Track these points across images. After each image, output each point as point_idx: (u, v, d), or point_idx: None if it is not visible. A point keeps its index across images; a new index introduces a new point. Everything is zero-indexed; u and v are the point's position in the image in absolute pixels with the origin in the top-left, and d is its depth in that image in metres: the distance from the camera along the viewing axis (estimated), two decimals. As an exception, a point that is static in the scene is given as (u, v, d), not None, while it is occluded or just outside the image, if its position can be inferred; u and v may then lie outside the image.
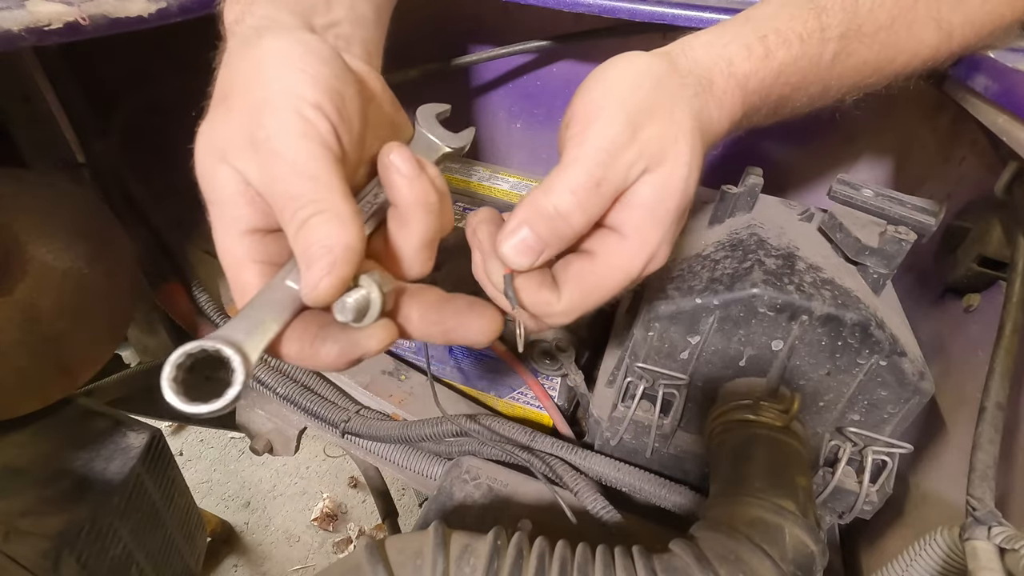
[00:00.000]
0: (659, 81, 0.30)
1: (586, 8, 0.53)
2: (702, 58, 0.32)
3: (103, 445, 0.54)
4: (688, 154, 0.29)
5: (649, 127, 0.29)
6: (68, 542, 0.46)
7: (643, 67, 0.30)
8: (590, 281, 0.31)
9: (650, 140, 0.29)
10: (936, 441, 0.49)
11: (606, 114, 0.29)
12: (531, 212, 0.29)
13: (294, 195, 0.25)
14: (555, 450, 0.53)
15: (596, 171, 0.28)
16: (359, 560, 0.33)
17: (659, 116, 0.29)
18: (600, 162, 0.28)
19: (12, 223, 0.48)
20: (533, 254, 0.29)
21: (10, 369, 0.48)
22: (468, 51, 0.73)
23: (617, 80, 0.30)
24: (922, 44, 0.37)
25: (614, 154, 0.28)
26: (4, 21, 0.32)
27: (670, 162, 0.29)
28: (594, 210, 0.29)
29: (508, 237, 0.29)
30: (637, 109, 0.29)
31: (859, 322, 0.40)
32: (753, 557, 0.32)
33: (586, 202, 0.28)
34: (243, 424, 0.70)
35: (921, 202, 0.45)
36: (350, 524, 1.40)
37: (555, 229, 0.29)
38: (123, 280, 0.56)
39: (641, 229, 0.30)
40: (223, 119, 0.27)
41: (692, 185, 0.30)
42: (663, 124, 0.29)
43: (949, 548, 0.34)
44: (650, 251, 0.30)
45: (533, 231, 0.29)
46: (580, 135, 0.29)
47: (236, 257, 0.28)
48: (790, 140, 0.73)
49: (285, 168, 0.25)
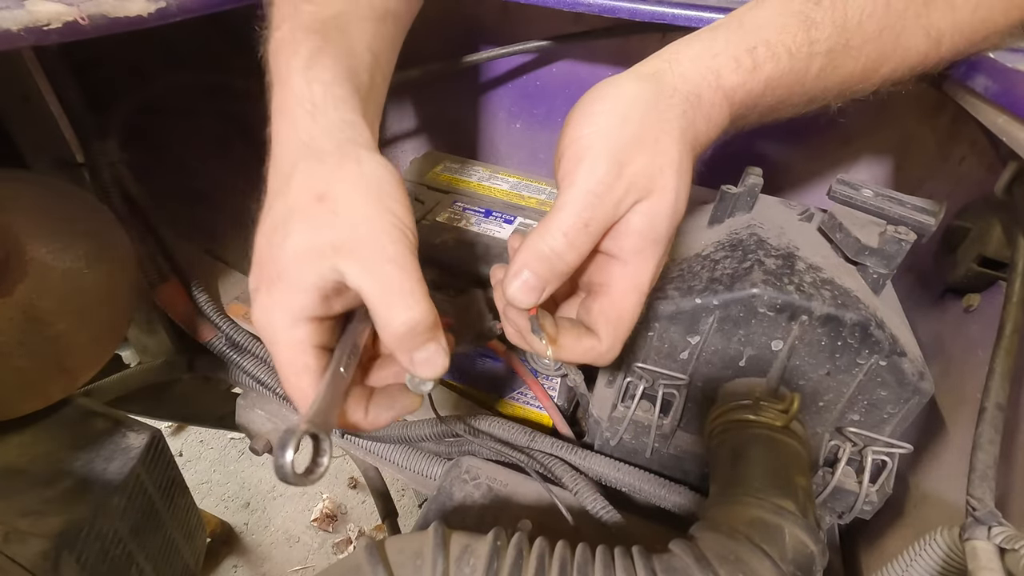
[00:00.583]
0: (646, 111, 0.32)
1: (586, 8, 0.53)
2: (690, 73, 0.33)
3: (103, 445, 0.54)
4: (675, 181, 0.32)
5: (636, 161, 0.31)
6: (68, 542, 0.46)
7: (629, 98, 0.32)
8: (615, 312, 0.34)
9: (637, 174, 0.31)
10: (936, 441, 0.49)
11: (593, 154, 0.31)
12: (529, 255, 0.32)
13: (414, 321, 0.30)
14: (555, 450, 0.53)
15: (584, 213, 0.31)
16: (359, 560, 0.33)
17: (645, 148, 0.31)
18: (588, 204, 0.31)
19: (12, 223, 0.48)
20: (536, 292, 0.33)
21: (10, 369, 0.48)
22: (468, 51, 0.73)
23: (603, 115, 0.32)
24: (910, 52, 0.37)
25: (601, 195, 0.31)
26: (3, 21, 0.32)
27: (658, 191, 0.32)
28: (585, 247, 0.32)
29: (512, 280, 0.33)
30: (623, 146, 0.31)
31: (859, 322, 0.40)
32: (753, 557, 0.32)
33: (576, 241, 0.31)
34: (243, 424, 0.70)
35: (921, 202, 0.45)
36: (350, 525, 1.40)
37: (552, 268, 0.32)
38: (123, 280, 0.56)
39: (639, 253, 0.33)
40: (329, 221, 0.30)
41: (681, 207, 0.33)
42: (649, 155, 0.31)
43: (949, 548, 0.34)
44: (652, 269, 0.33)
45: (533, 272, 0.32)
46: (570, 176, 0.31)
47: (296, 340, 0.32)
48: (789, 140, 0.73)
49: (405, 287, 0.30)
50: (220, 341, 0.64)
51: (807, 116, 0.41)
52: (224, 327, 0.64)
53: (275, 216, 0.32)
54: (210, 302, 0.65)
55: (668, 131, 0.32)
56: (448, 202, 0.64)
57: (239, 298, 0.69)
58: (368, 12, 0.40)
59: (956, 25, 0.37)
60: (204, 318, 0.65)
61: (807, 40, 0.34)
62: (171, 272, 0.66)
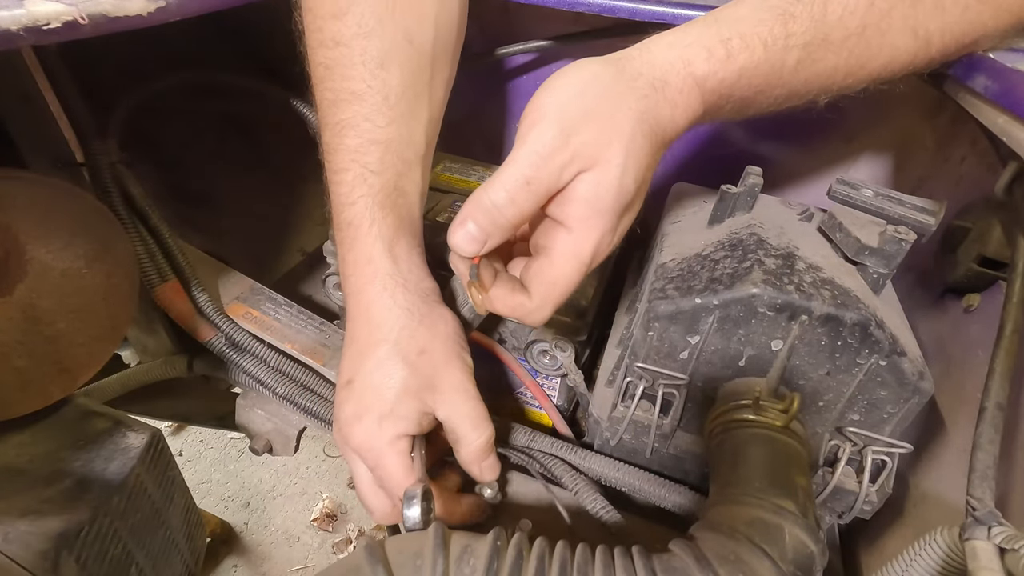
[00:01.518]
0: (604, 89, 0.33)
1: (586, 8, 0.53)
2: (659, 60, 0.34)
3: (103, 445, 0.54)
4: (622, 156, 0.32)
5: (584, 132, 0.32)
6: (68, 542, 0.46)
7: (590, 75, 0.34)
8: (550, 274, 0.35)
9: (585, 143, 0.32)
10: (936, 441, 0.49)
11: (545, 121, 0.32)
12: (473, 207, 0.34)
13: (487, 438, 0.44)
14: (555, 450, 0.53)
15: (527, 171, 0.32)
16: (359, 560, 0.33)
17: (597, 121, 0.32)
18: (531, 163, 0.32)
19: (12, 223, 0.48)
20: (476, 243, 0.34)
21: (10, 369, 0.48)
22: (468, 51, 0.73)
23: (563, 88, 0.34)
24: (897, 51, 0.37)
25: (545, 157, 0.32)
26: (3, 20, 0.32)
27: (603, 163, 0.33)
28: (525, 204, 0.33)
29: (456, 229, 0.35)
30: (574, 116, 0.32)
31: (859, 322, 0.40)
32: (753, 557, 0.32)
33: (517, 197, 0.33)
34: (243, 424, 0.70)
35: (921, 202, 0.45)
36: (350, 524, 1.40)
37: (493, 220, 0.34)
38: (123, 280, 0.56)
39: (583, 221, 0.34)
40: (427, 370, 0.42)
41: (629, 183, 0.33)
42: (598, 129, 0.32)
43: (949, 548, 0.34)
44: (595, 239, 0.34)
45: (475, 222, 0.34)
46: (522, 138, 0.33)
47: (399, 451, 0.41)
48: (790, 140, 0.73)
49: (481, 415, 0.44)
50: (220, 341, 0.64)
51: (807, 116, 0.41)
52: (224, 327, 0.64)
53: (377, 360, 0.41)
54: (210, 302, 0.65)
55: (624, 110, 0.33)
56: (448, 202, 0.64)
57: (239, 298, 0.69)
58: (416, 160, 0.45)
59: (945, 26, 0.37)
60: (204, 318, 0.65)
61: (784, 33, 0.34)
62: (171, 272, 0.65)
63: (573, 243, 0.34)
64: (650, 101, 0.33)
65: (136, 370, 0.72)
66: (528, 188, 0.32)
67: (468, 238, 0.34)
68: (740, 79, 0.35)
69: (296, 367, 0.64)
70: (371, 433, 0.40)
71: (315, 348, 0.65)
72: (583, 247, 0.34)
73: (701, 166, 0.77)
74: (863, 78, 0.39)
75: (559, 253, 0.35)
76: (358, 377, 0.42)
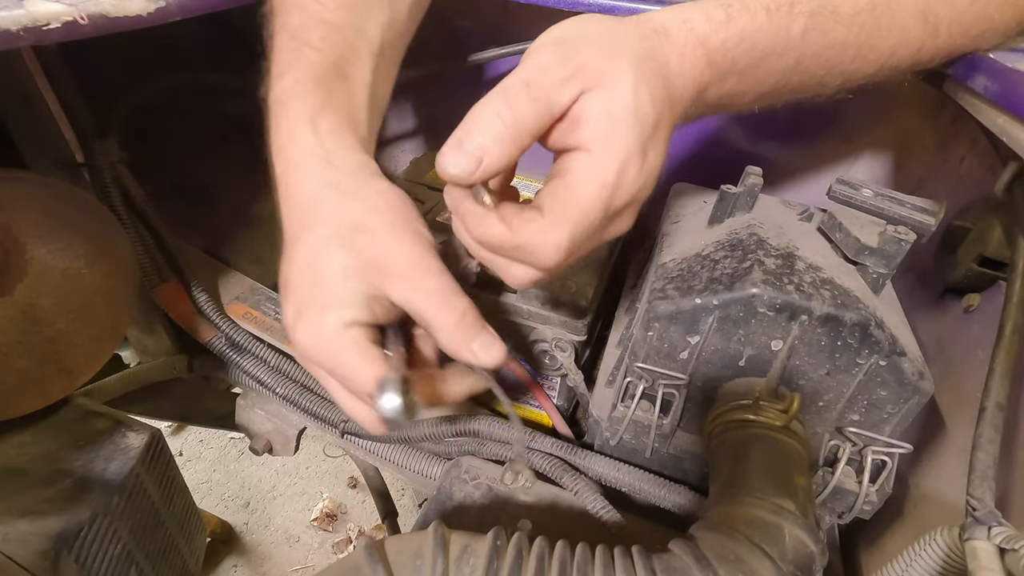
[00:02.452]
0: (606, 27, 0.32)
1: (586, 8, 0.53)
2: (656, 17, 0.33)
3: (103, 445, 0.54)
4: (631, 73, 0.30)
5: (585, 52, 0.30)
6: (68, 542, 0.46)
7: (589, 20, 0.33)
8: (569, 195, 0.31)
9: (586, 62, 0.30)
10: (936, 441, 0.49)
11: (539, 46, 0.31)
12: (466, 120, 0.30)
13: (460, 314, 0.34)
14: (555, 450, 0.53)
15: (524, 75, 0.30)
16: (359, 560, 0.33)
17: (598, 45, 0.31)
18: (529, 68, 0.30)
19: (12, 223, 0.48)
20: (472, 159, 0.30)
21: (10, 369, 0.48)
22: (468, 51, 0.73)
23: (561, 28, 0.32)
24: (906, 34, 0.37)
25: (544, 67, 0.30)
26: (3, 21, 0.32)
27: (610, 80, 0.30)
28: (524, 111, 0.30)
29: (447, 150, 0.31)
30: (574, 41, 0.31)
31: (858, 322, 0.40)
32: (752, 557, 0.32)
33: (515, 101, 0.29)
34: (243, 424, 0.70)
35: (921, 202, 0.45)
36: (350, 524, 1.40)
37: (489, 129, 0.30)
38: (123, 280, 0.56)
39: (602, 140, 0.31)
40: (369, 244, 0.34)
41: (644, 101, 0.31)
42: (601, 50, 0.30)
43: (949, 548, 0.34)
44: (619, 161, 0.31)
45: (468, 136, 0.30)
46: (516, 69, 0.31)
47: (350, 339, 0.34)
48: (790, 140, 0.73)
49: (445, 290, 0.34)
50: (220, 341, 0.64)
51: (807, 113, 0.41)
52: (224, 327, 0.64)
53: (308, 248, 0.34)
54: (210, 302, 0.65)
55: (628, 42, 0.31)
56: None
57: (239, 298, 0.69)
58: (367, 51, 0.41)
59: (954, 14, 0.37)
60: (204, 318, 0.65)
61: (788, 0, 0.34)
62: (171, 272, 0.66)
63: (593, 162, 0.31)
64: (654, 42, 0.32)
65: (136, 370, 0.72)
66: (527, 91, 0.29)
67: (462, 155, 0.30)
68: (742, 42, 0.34)
69: (296, 367, 0.64)
70: (315, 329, 0.34)
71: (315, 348, 0.65)
72: (606, 168, 0.30)
73: (701, 166, 0.77)
74: (872, 61, 0.38)
75: (580, 174, 0.31)
76: (292, 273, 0.35)
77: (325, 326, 0.33)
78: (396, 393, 0.30)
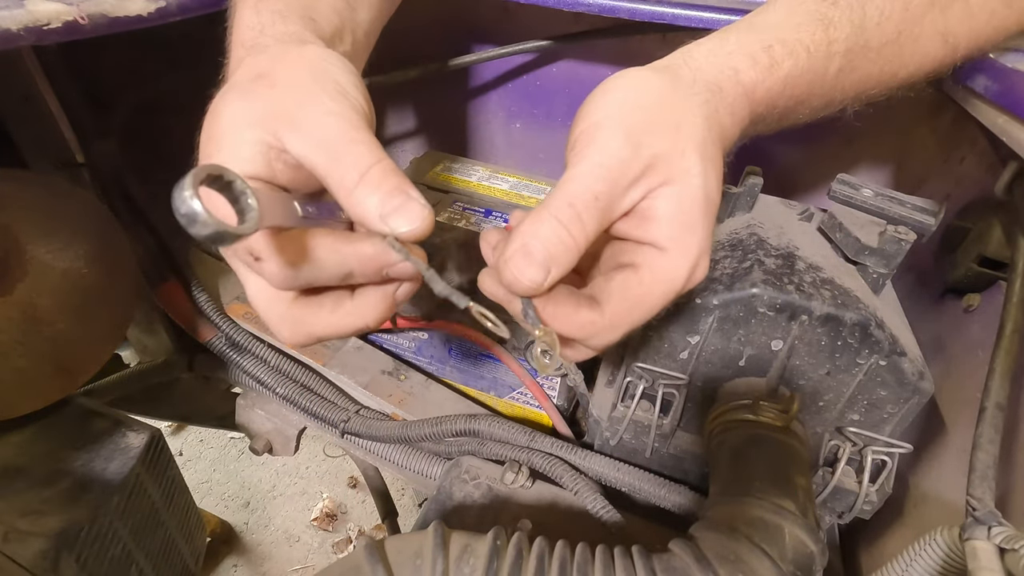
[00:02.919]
0: (662, 98, 0.30)
1: (586, 8, 0.53)
2: (706, 68, 0.31)
3: (103, 445, 0.54)
4: (699, 164, 0.29)
5: (654, 143, 0.28)
6: (68, 542, 0.46)
7: (643, 85, 0.30)
8: (636, 292, 0.30)
9: (656, 156, 0.28)
10: (936, 441, 0.49)
11: (606, 133, 0.29)
12: (530, 228, 0.28)
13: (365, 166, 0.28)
14: (555, 450, 0.53)
15: (595, 185, 0.28)
16: (359, 560, 0.33)
17: (665, 132, 0.29)
18: (598, 176, 0.28)
19: (12, 223, 0.48)
20: (542, 270, 0.28)
21: (10, 369, 0.48)
22: (468, 51, 0.73)
23: (618, 98, 0.30)
24: (927, 58, 0.37)
25: (613, 169, 0.28)
26: (3, 20, 0.32)
27: (681, 175, 0.29)
28: (592, 224, 0.28)
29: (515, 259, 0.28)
30: (639, 126, 0.29)
31: (859, 322, 0.40)
32: (753, 557, 0.32)
33: (584, 214, 0.28)
34: (243, 424, 0.70)
35: (921, 202, 0.45)
36: (350, 524, 1.40)
37: (560, 242, 0.28)
38: (123, 280, 0.56)
39: (677, 239, 0.29)
40: (266, 94, 0.29)
41: (713, 192, 0.30)
42: (667, 139, 0.29)
43: (949, 548, 0.34)
44: (692, 260, 0.29)
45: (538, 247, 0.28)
46: (581, 153, 0.29)
47: None
48: (790, 140, 0.73)
49: (350, 137, 0.28)
50: (220, 341, 0.64)
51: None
52: (224, 327, 0.64)
53: (210, 111, 0.30)
54: (210, 302, 0.65)
55: (691, 118, 0.29)
56: (448, 202, 0.64)
57: (239, 298, 0.69)
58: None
59: (972, 31, 0.37)
60: (204, 318, 0.65)
61: (825, 39, 0.33)
62: (171, 272, 0.66)
63: (668, 262, 0.29)
64: (711, 107, 0.30)
65: (136, 370, 0.72)
66: (597, 204, 0.28)
67: (531, 266, 0.28)
68: (784, 89, 0.33)
69: (296, 367, 0.64)
70: None
71: (315, 348, 0.65)
72: (679, 269, 0.29)
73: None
74: (892, 86, 0.38)
75: (651, 272, 0.30)
76: (203, 138, 0.30)
77: None
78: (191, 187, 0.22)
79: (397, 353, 0.69)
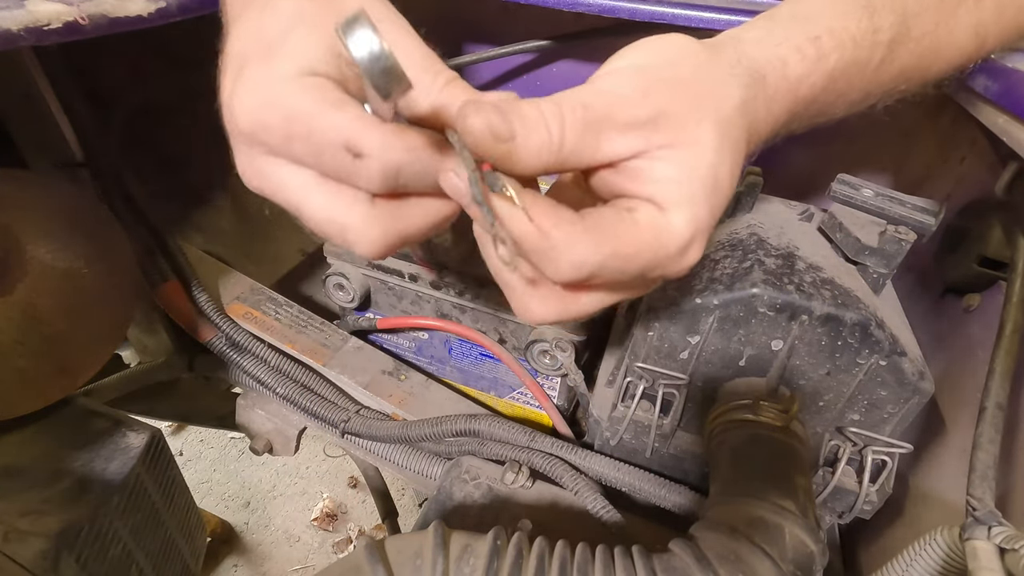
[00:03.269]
0: (697, 66, 0.27)
1: (586, 8, 0.53)
2: (754, 54, 0.29)
3: (103, 445, 0.54)
4: (715, 139, 0.26)
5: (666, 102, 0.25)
6: (68, 542, 0.46)
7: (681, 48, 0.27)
8: (622, 229, 0.25)
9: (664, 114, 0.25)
10: (936, 441, 0.49)
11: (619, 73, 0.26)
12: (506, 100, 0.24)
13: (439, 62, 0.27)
14: (555, 450, 0.53)
15: (586, 97, 0.25)
16: (359, 560, 0.33)
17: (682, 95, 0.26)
18: (593, 93, 0.25)
19: (12, 223, 0.48)
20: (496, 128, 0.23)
21: (10, 369, 0.48)
22: (468, 51, 0.73)
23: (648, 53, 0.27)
24: (959, 51, 0.36)
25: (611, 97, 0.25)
26: (3, 21, 0.32)
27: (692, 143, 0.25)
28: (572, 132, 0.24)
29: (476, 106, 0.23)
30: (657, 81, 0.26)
31: (859, 322, 0.40)
32: (753, 557, 0.32)
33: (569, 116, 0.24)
34: (243, 424, 0.70)
35: (921, 202, 0.45)
36: (350, 524, 1.40)
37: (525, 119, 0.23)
38: (123, 280, 0.56)
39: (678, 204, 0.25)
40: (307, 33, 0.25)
41: (723, 178, 0.26)
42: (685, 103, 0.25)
43: (949, 548, 0.34)
44: (688, 235, 0.26)
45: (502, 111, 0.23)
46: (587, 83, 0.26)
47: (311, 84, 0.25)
48: (790, 140, 0.73)
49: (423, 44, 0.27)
50: (220, 341, 0.64)
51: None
52: (224, 327, 0.64)
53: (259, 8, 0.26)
54: (210, 302, 0.65)
55: (722, 93, 0.26)
56: (448, 202, 0.64)
57: (239, 298, 0.69)
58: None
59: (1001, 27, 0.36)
60: (204, 318, 0.65)
61: (871, 28, 0.30)
62: (171, 272, 0.66)
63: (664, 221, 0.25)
64: (751, 93, 0.27)
65: (136, 370, 0.72)
66: (584, 114, 0.24)
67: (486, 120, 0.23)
68: (828, 83, 0.30)
69: (296, 367, 0.64)
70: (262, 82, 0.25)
71: (315, 348, 0.65)
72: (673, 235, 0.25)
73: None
74: (924, 81, 0.36)
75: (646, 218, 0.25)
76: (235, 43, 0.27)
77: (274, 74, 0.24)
78: (369, 28, 0.20)
79: (397, 353, 0.69)
